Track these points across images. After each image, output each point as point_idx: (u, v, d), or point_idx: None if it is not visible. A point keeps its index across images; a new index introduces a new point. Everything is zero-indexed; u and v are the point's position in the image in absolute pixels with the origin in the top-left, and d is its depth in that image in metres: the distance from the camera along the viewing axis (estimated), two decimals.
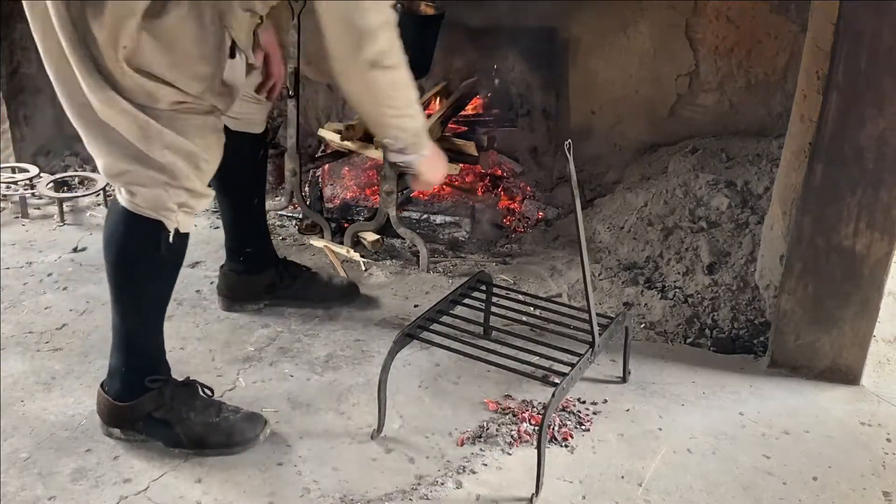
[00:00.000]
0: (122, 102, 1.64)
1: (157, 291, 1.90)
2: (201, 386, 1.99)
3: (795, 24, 2.88)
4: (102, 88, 1.63)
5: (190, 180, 1.76)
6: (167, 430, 1.90)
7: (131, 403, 1.90)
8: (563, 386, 1.79)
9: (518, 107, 3.28)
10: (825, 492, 1.86)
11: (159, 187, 1.74)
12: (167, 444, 1.91)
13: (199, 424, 1.91)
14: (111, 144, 1.72)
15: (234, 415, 1.95)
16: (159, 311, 1.93)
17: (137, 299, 1.89)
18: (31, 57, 3.41)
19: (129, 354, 1.90)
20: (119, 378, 1.91)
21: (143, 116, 1.67)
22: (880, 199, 2.03)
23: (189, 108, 1.72)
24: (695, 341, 2.41)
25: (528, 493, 1.81)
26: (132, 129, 1.68)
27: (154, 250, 1.79)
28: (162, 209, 1.76)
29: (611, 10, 3.07)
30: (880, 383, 2.24)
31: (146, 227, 1.78)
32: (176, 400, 1.92)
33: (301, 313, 2.49)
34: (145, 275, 1.86)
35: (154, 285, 1.88)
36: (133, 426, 1.92)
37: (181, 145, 1.72)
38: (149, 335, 1.93)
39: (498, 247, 2.97)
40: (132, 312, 1.89)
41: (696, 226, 2.73)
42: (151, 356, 1.94)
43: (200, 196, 1.80)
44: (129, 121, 1.67)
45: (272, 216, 3.04)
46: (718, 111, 3.10)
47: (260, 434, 1.93)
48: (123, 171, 1.74)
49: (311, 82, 3.47)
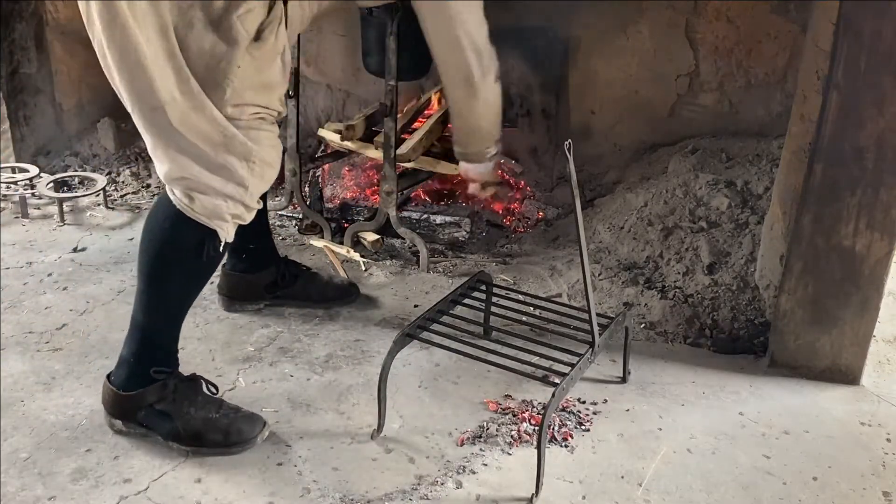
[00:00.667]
0: (213, 110, 1.68)
1: (186, 294, 1.93)
2: (206, 382, 1.99)
3: (795, 24, 2.87)
4: (197, 95, 1.66)
5: (250, 196, 1.81)
6: (167, 422, 1.91)
7: (134, 393, 1.91)
8: (563, 386, 1.79)
9: (518, 107, 3.28)
10: (825, 492, 1.86)
11: (220, 198, 1.77)
12: (166, 437, 1.91)
13: (198, 420, 1.91)
14: (180, 151, 1.73)
15: (234, 413, 1.95)
16: (182, 312, 1.95)
17: (165, 298, 1.91)
18: (31, 57, 3.41)
19: (142, 346, 1.91)
20: (126, 368, 1.92)
21: (231, 128, 1.71)
22: (880, 199, 2.03)
23: (263, 118, 1.79)
24: (695, 341, 2.41)
25: (528, 493, 1.81)
26: (214, 136, 1.71)
27: (197, 256, 1.82)
28: (217, 218, 1.79)
29: (611, 10, 3.07)
30: (880, 383, 2.24)
31: (194, 232, 1.79)
32: (178, 393, 1.92)
33: (301, 313, 2.49)
34: (180, 277, 1.88)
35: (185, 288, 1.91)
36: (134, 417, 1.93)
37: (258, 156, 1.77)
38: (167, 332, 1.95)
39: (498, 247, 2.97)
40: (156, 309, 1.90)
41: (696, 226, 2.73)
42: (164, 350, 1.95)
43: (252, 210, 1.85)
44: (214, 129, 1.70)
45: (272, 216, 3.04)
46: (718, 111, 3.10)
47: (258, 435, 1.93)
48: (187, 177, 1.75)
49: (311, 82, 3.48)
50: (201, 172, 1.74)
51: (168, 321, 1.94)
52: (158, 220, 1.84)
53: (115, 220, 3.10)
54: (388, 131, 2.66)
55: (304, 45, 2.73)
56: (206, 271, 1.91)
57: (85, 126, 3.66)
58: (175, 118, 1.67)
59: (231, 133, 1.72)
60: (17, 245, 2.90)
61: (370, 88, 3.29)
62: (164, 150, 1.74)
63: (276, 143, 1.85)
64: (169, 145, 1.72)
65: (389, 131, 2.66)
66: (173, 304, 1.93)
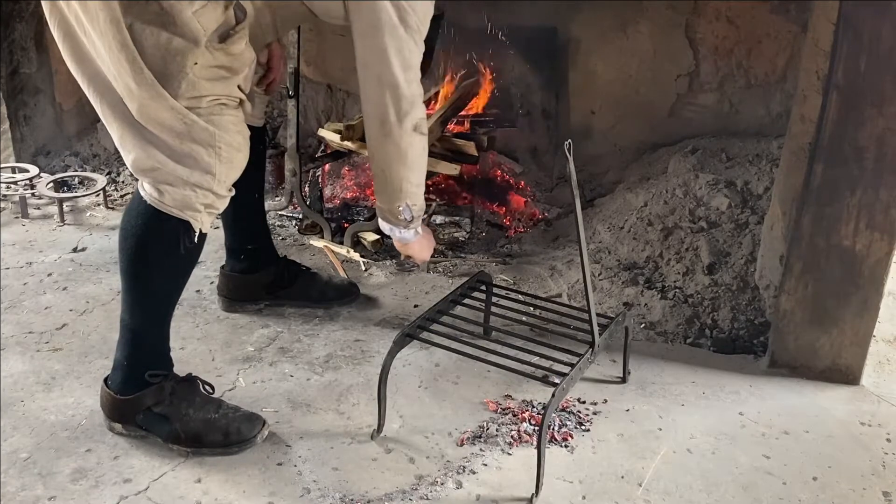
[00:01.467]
0: (169, 100, 1.68)
1: (170, 289, 1.92)
2: (202, 382, 1.99)
3: (795, 24, 2.88)
4: (152, 85, 1.67)
5: (219, 182, 1.80)
6: (166, 425, 1.91)
7: (132, 397, 1.91)
8: (563, 386, 1.79)
9: (518, 107, 3.28)
10: (825, 492, 1.86)
11: (188, 188, 1.77)
12: (166, 439, 1.91)
13: (197, 421, 1.91)
14: (145, 142, 1.74)
15: (233, 413, 1.95)
16: (169, 309, 1.94)
17: (149, 296, 1.90)
18: (30, 57, 3.41)
19: (133, 349, 1.91)
20: (121, 371, 1.92)
21: (191, 115, 1.71)
22: (880, 199, 2.03)
23: (224, 103, 1.77)
24: (695, 341, 2.41)
25: (528, 493, 1.81)
26: (176, 125, 1.72)
27: (174, 249, 1.81)
28: (189, 209, 1.79)
29: (611, 10, 3.07)
30: (880, 383, 2.24)
31: (169, 226, 1.79)
32: (176, 395, 1.92)
33: (301, 313, 2.49)
34: (161, 272, 1.87)
35: (168, 283, 1.90)
36: (133, 420, 1.93)
37: (222, 140, 1.77)
38: (156, 331, 1.94)
39: (498, 247, 2.97)
40: (142, 308, 1.90)
41: (696, 226, 2.73)
42: (156, 352, 1.95)
43: (224, 197, 1.84)
44: (175, 118, 1.71)
45: (272, 216, 3.04)
46: (718, 111, 3.10)
47: (257, 434, 1.93)
48: (154, 167, 1.76)
49: (311, 82, 3.48)
50: (167, 162, 1.75)
51: (155, 319, 1.93)
52: (133, 217, 1.83)
53: (115, 220, 3.09)
54: None
55: (304, 45, 2.73)
56: (187, 265, 1.90)
57: (85, 126, 3.66)
58: (134, 109, 1.70)
59: (192, 120, 1.72)
60: (17, 245, 2.90)
61: None
62: (130, 142, 1.76)
63: (241, 127, 1.84)
64: (133, 136, 1.74)
65: None
66: (158, 301, 1.92)
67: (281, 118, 3.45)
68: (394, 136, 1.89)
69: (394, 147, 1.91)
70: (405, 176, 1.95)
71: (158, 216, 1.78)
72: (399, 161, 1.93)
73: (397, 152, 1.92)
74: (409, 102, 1.86)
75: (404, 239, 2.06)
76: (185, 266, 1.89)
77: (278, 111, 3.50)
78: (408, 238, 2.06)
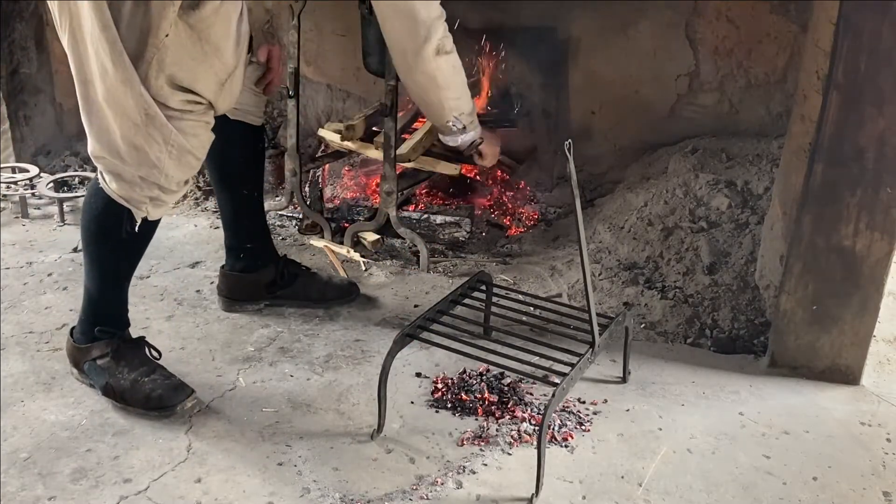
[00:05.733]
0: (139, 86, 1.74)
1: (118, 266, 2.04)
2: (149, 346, 2.12)
3: (795, 24, 2.87)
4: (128, 68, 1.72)
5: (167, 178, 1.87)
6: (104, 377, 2.05)
7: (83, 347, 2.08)
8: (563, 386, 1.79)
9: (518, 107, 3.28)
10: (825, 492, 1.86)
11: (134, 181, 1.86)
12: (101, 391, 2.05)
13: (126, 380, 2.02)
14: (102, 128, 1.82)
15: (162, 380, 2.04)
16: (119, 281, 2.07)
17: (97, 268, 2.03)
18: (31, 57, 3.42)
19: (87, 305, 2.07)
20: (80, 323, 2.10)
21: (154, 107, 1.77)
22: (880, 199, 2.03)
23: (192, 110, 1.83)
24: (695, 341, 2.41)
25: (528, 493, 1.81)
26: (136, 116, 1.77)
27: (117, 232, 1.92)
28: (133, 201, 1.89)
29: (611, 10, 3.07)
30: (880, 383, 2.24)
31: (116, 210, 1.90)
32: (118, 353, 2.06)
33: (301, 313, 2.49)
34: (107, 249, 2.00)
35: (115, 261, 2.03)
36: (81, 368, 2.09)
37: (176, 141, 1.83)
38: (108, 295, 2.06)
39: (498, 247, 2.97)
40: (92, 276, 2.04)
41: (696, 226, 2.73)
42: (108, 313, 2.09)
43: (173, 192, 1.92)
44: (137, 107, 1.76)
45: (272, 216, 3.04)
46: (718, 111, 3.10)
47: (178, 405, 2.00)
48: (104, 156, 1.86)
49: (311, 82, 3.48)
50: (119, 151, 1.83)
51: (106, 286, 2.05)
52: (89, 195, 1.97)
53: None
54: (388, 131, 2.66)
55: (304, 45, 2.73)
56: (131, 248, 2.00)
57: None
58: (101, 92, 1.76)
59: (153, 112, 1.78)
60: (17, 245, 2.90)
61: (370, 88, 3.29)
62: (90, 126, 1.84)
63: (200, 132, 1.88)
64: (94, 121, 1.82)
65: (389, 131, 2.66)
66: (106, 272, 2.04)
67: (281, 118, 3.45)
68: (418, 67, 2.02)
69: (421, 76, 2.05)
70: (442, 96, 2.11)
71: (107, 200, 1.90)
72: (431, 87, 2.08)
73: (426, 80, 2.06)
74: (426, 27, 1.96)
75: (466, 142, 2.26)
76: (131, 248, 2.00)
77: (278, 111, 3.50)
78: (468, 140, 2.26)
